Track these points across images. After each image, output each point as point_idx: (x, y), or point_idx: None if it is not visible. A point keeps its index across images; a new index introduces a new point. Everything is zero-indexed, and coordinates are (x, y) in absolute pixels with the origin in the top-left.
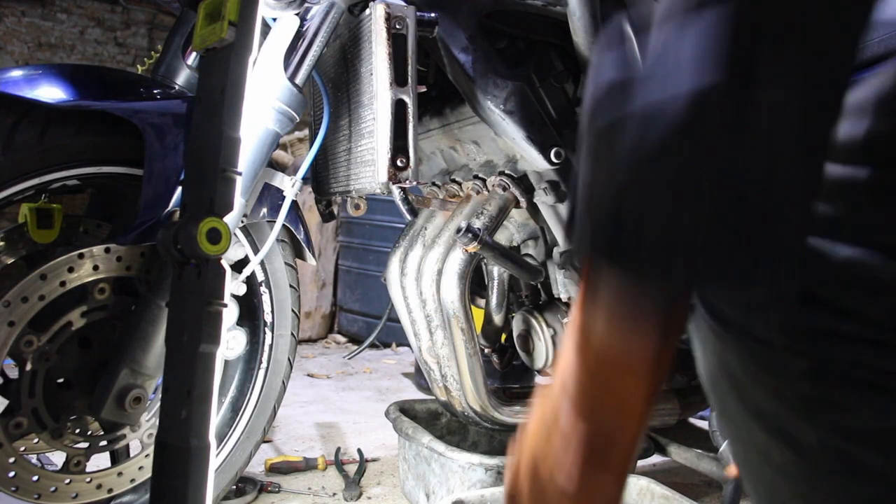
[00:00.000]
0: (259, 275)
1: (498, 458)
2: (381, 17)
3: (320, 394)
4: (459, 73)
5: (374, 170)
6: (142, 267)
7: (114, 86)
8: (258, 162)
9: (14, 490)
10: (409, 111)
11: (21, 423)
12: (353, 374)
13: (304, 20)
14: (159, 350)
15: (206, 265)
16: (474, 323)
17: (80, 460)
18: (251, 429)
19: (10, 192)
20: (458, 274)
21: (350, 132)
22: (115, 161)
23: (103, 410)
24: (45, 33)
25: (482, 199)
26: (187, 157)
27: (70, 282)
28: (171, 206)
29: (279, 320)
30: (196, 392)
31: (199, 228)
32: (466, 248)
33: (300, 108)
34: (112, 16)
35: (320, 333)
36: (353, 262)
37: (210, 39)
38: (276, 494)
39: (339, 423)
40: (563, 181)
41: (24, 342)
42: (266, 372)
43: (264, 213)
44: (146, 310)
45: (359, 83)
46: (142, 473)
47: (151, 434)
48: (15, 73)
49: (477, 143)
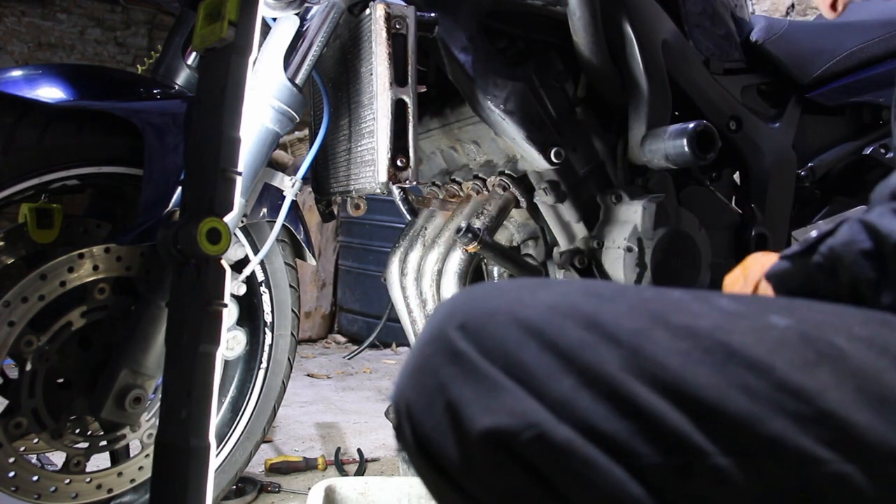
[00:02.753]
0: (259, 275)
1: None
2: (381, 17)
3: (320, 394)
4: (459, 73)
5: (374, 170)
6: (142, 267)
7: (114, 86)
8: (258, 162)
9: (14, 490)
10: (409, 111)
11: (21, 423)
12: (353, 374)
13: (304, 20)
14: (159, 350)
15: (206, 265)
16: None
17: (80, 460)
18: (251, 429)
19: (10, 192)
20: (458, 274)
21: (350, 132)
22: (115, 161)
23: (103, 410)
24: (45, 33)
25: (482, 199)
26: (187, 157)
27: (70, 282)
28: (171, 206)
29: (279, 320)
30: (196, 392)
31: (199, 228)
32: (466, 248)
33: (300, 107)
34: (112, 16)
35: (320, 333)
36: (353, 262)
37: (210, 39)
38: (276, 494)
39: (339, 423)
40: (563, 181)
41: (24, 342)
42: (266, 372)
43: (264, 213)
44: (146, 310)
45: (359, 83)
46: (142, 473)
47: (151, 434)
48: (15, 73)
49: (477, 143)
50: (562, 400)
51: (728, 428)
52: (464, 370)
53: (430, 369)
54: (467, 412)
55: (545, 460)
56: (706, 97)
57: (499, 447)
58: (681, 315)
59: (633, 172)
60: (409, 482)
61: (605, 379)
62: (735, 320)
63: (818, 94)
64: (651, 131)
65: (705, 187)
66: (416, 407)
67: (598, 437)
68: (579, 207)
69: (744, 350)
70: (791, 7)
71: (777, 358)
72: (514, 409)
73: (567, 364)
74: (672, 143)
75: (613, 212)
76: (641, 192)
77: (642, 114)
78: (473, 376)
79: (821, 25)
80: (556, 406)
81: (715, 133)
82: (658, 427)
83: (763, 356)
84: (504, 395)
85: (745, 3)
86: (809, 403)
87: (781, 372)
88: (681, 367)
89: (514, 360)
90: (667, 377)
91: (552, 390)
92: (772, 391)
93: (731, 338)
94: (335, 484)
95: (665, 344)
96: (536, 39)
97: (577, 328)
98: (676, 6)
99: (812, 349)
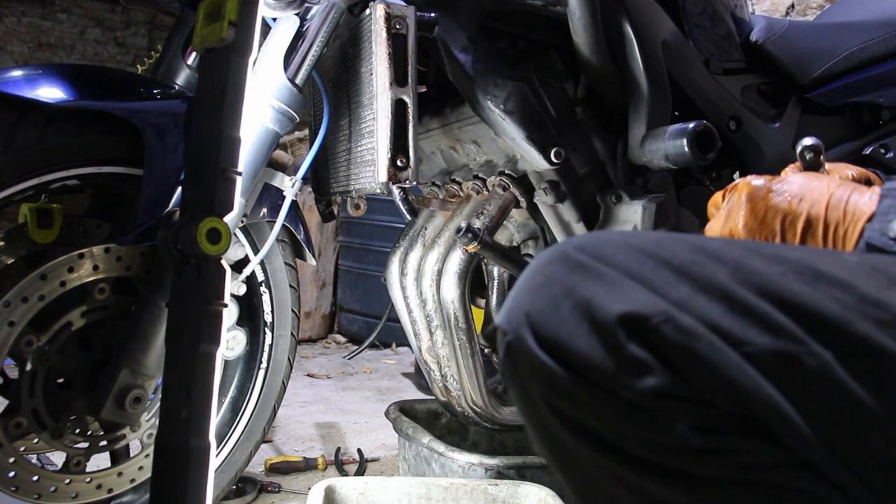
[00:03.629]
0: (259, 275)
1: (498, 458)
2: (381, 17)
3: (320, 394)
4: (459, 73)
5: (374, 170)
6: (142, 267)
7: (114, 86)
8: (258, 162)
9: (14, 490)
10: (409, 111)
11: (21, 423)
12: (353, 374)
13: (304, 20)
14: (159, 350)
15: (206, 265)
16: (474, 323)
17: (80, 460)
18: (251, 429)
19: (10, 192)
20: (458, 274)
21: (350, 132)
22: (115, 161)
23: (103, 410)
24: (45, 33)
25: (482, 199)
26: (187, 157)
27: (70, 282)
28: (171, 206)
29: (279, 320)
30: (196, 392)
31: (199, 228)
32: (466, 248)
33: (300, 108)
34: (112, 16)
35: (320, 333)
36: (353, 262)
37: (210, 39)
38: (276, 494)
39: (339, 423)
40: (563, 181)
41: (24, 342)
42: (266, 372)
43: (264, 213)
44: (146, 310)
45: (359, 83)
46: (142, 473)
47: (151, 434)
48: (15, 73)
49: (477, 143)
50: (681, 300)
51: (825, 327)
52: (590, 275)
53: (554, 280)
54: (601, 303)
55: (673, 343)
56: (706, 97)
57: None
58: (770, 248)
59: (633, 172)
60: (409, 482)
61: (717, 285)
62: (817, 253)
63: (818, 94)
64: (651, 131)
65: (705, 187)
66: (539, 314)
67: (717, 328)
68: (579, 207)
69: (829, 272)
70: (791, 7)
71: (858, 279)
72: (645, 300)
73: (682, 276)
74: (672, 143)
75: (613, 212)
76: (641, 192)
77: (642, 114)
78: (601, 278)
79: (821, 25)
80: (678, 303)
81: (715, 133)
82: (767, 322)
83: (846, 276)
84: (633, 290)
85: (745, 3)
86: (889, 311)
87: (863, 288)
88: (779, 279)
89: (635, 270)
90: (769, 286)
91: (672, 293)
92: (856, 302)
93: (816, 263)
94: (335, 484)
95: (763, 265)
96: (536, 39)
97: (686, 251)
98: (676, 6)
99: (883, 276)
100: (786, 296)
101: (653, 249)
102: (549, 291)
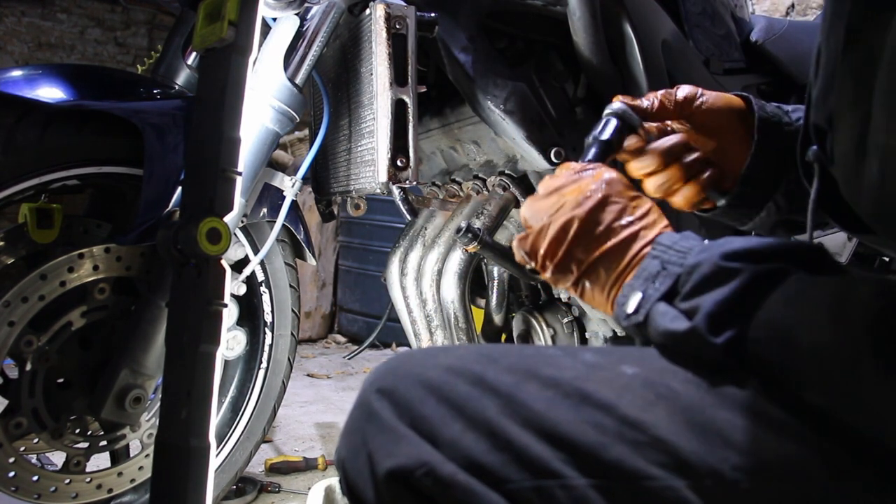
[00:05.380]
0: (259, 275)
1: None
2: (381, 17)
3: (320, 394)
4: (459, 73)
5: (374, 170)
6: (142, 267)
7: (114, 86)
8: (258, 162)
9: (14, 490)
10: (409, 111)
11: (21, 423)
12: (353, 374)
13: (304, 20)
14: (159, 350)
15: (206, 265)
16: (474, 323)
17: (80, 460)
18: (251, 429)
19: (10, 192)
20: (458, 274)
21: (350, 132)
22: (115, 161)
23: (103, 410)
24: (45, 33)
25: (482, 199)
26: (187, 157)
27: (70, 282)
28: (171, 206)
29: (279, 320)
30: (196, 392)
31: (199, 228)
32: (466, 248)
33: (300, 108)
34: (112, 16)
35: (320, 333)
36: (353, 262)
37: (210, 39)
38: (276, 494)
39: (339, 423)
40: None
41: (24, 342)
42: (266, 372)
43: (264, 213)
44: (146, 310)
45: (359, 83)
46: (142, 473)
47: (151, 434)
48: (15, 73)
49: (477, 143)
50: (451, 441)
51: (582, 455)
52: (378, 426)
53: (356, 429)
54: (377, 458)
55: (435, 492)
56: None
57: (399, 484)
58: (549, 369)
59: None
60: None
61: (485, 422)
62: (593, 371)
63: None
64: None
65: None
66: (347, 461)
67: (479, 469)
68: None
69: (596, 394)
70: (791, 7)
71: (623, 398)
72: (411, 453)
73: (457, 412)
74: None
75: None
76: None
77: None
78: (384, 430)
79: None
80: (446, 447)
81: None
82: (525, 456)
83: (611, 397)
84: (405, 442)
85: (745, 3)
86: (645, 433)
87: (624, 409)
88: (544, 408)
89: (417, 413)
90: (533, 417)
91: (444, 434)
92: (615, 424)
93: (586, 385)
94: (335, 484)
95: (534, 392)
96: (536, 39)
97: (466, 384)
98: (676, 6)
99: (652, 391)
100: (547, 426)
101: (437, 384)
102: (352, 440)
